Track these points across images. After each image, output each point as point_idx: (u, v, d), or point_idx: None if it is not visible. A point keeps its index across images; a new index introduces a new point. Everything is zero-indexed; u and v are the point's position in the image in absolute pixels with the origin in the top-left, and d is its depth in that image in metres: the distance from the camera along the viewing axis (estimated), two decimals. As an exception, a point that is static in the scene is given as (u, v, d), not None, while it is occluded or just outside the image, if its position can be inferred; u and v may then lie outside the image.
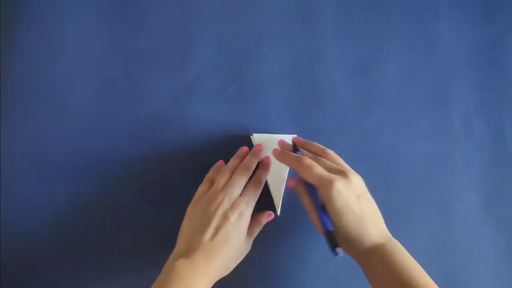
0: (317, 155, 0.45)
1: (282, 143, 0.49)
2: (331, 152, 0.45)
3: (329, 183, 0.39)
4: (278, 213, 0.49)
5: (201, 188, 0.46)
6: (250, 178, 0.46)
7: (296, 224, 0.49)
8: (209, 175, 0.48)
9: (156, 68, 0.54)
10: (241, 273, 0.47)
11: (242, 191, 0.44)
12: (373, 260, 0.39)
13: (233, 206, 0.42)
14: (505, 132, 0.55)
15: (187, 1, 0.56)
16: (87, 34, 0.54)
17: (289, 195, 0.50)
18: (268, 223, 0.47)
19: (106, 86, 0.53)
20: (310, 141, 0.48)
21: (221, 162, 0.49)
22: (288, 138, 0.50)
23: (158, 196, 0.50)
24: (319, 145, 0.47)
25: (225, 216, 0.41)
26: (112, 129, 0.51)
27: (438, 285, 0.38)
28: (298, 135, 0.51)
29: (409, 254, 0.39)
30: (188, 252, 0.39)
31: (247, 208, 0.42)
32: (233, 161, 0.47)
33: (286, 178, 0.50)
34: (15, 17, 0.54)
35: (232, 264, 0.42)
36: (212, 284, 0.39)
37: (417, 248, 0.42)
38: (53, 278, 0.47)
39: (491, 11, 0.59)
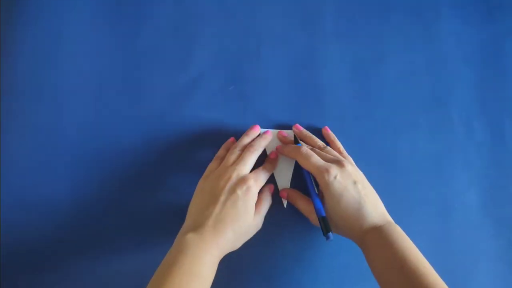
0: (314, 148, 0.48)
1: (281, 134, 0.50)
2: (328, 148, 0.48)
3: (325, 170, 0.42)
4: (285, 205, 0.50)
5: (211, 165, 0.47)
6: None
7: (296, 224, 0.49)
8: (220, 152, 0.49)
9: (156, 68, 0.54)
10: (241, 273, 0.47)
11: (252, 171, 0.45)
12: (371, 241, 0.40)
13: (241, 181, 0.43)
14: (505, 132, 0.55)
15: (187, 1, 0.56)
16: (87, 34, 0.54)
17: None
18: (268, 223, 0.47)
19: (106, 86, 0.53)
20: (311, 135, 0.50)
21: (232, 138, 0.50)
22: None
23: (158, 196, 0.50)
24: (318, 140, 0.49)
25: (233, 191, 0.42)
26: (112, 129, 0.51)
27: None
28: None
29: (407, 237, 0.40)
30: (196, 227, 0.40)
31: (255, 184, 0.43)
32: (243, 139, 0.48)
33: (292, 172, 0.50)
34: (15, 17, 0.54)
35: (241, 239, 0.43)
36: (220, 257, 0.40)
37: (417, 248, 0.42)
38: (53, 278, 0.47)
39: (491, 11, 0.59)
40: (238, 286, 0.47)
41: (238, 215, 0.41)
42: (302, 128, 0.51)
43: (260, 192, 0.46)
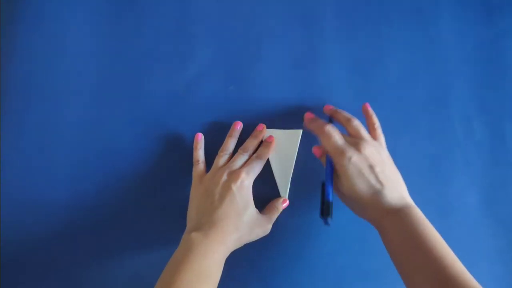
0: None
1: (309, 115, 0.49)
2: (355, 122, 0.47)
3: (341, 153, 0.42)
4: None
5: (196, 169, 0.48)
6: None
7: (295, 224, 0.49)
8: (197, 155, 0.49)
9: (156, 68, 0.54)
10: (240, 272, 0.47)
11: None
12: (388, 224, 0.40)
13: (233, 176, 0.43)
14: (505, 132, 0.55)
15: (187, 1, 0.56)
16: (87, 34, 0.54)
17: (293, 194, 0.50)
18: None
19: (106, 86, 0.53)
20: (338, 110, 0.50)
21: (199, 135, 0.50)
22: (294, 133, 0.51)
23: (158, 196, 0.50)
24: (345, 114, 0.49)
25: (228, 187, 0.42)
26: (112, 129, 0.51)
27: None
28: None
29: (427, 221, 0.39)
30: (200, 227, 0.40)
31: (247, 177, 0.44)
32: (228, 142, 0.49)
33: (292, 172, 0.50)
34: (15, 17, 0.54)
35: (245, 235, 0.42)
36: (227, 254, 0.41)
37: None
38: (54, 277, 0.47)
39: (491, 11, 0.59)
40: (237, 286, 0.47)
41: (238, 210, 0.42)
42: (331, 106, 0.51)
43: (271, 201, 0.47)
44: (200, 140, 0.50)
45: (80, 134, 0.51)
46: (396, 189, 0.42)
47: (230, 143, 0.49)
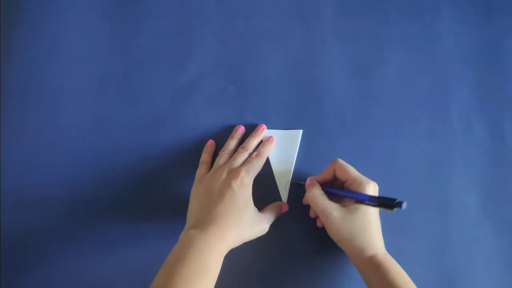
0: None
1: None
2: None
3: (366, 181, 0.43)
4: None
5: (200, 170, 0.48)
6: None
7: (295, 224, 0.49)
8: (203, 157, 0.50)
9: (156, 68, 0.54)
10: (239, 273, 0.47)
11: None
12: (369, 270, 0.42)
13: (233, 174, 0.43)
14: (505, 132, 0.55)
15: (187, 1, 0.56)
16: (87, 34, 0.54)
17: (293, 194, 0.50)
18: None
19: (106, 86, 0.53)
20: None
21: (211, 141, 0.51)
22: (294, 134, 0.51)
23: (158, 196, 0.50)
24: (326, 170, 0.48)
25: (228, 185, 0.43)
26: (111, 129, 0.51)
27: (437, 285, 0.38)
28: (298, 135, 0.51)
29: (399, 265, 0.42)
30: (199, 224, 0.41)
31: (247, 175, 0.44)
32: (230, 143, 0.49)
33: (292, 172, 0.50)
34: (15, 18, 0.54)
35: (245, 233, 0.43)
36: (226, 251, 0.41)
37: (417, 248, 0.42)
38: (53, 276, 0.47)
39: (491, 11, 0.59)
40: (236, 286, 0.47)
41: (238, 207, 0.42)
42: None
43: (271, 203, 0.48)
44: (210, 146, 0.50)
45: (80, 134, 0.51)
46: (380, 234, 0.44)
47: (232, 144, 0.49)
